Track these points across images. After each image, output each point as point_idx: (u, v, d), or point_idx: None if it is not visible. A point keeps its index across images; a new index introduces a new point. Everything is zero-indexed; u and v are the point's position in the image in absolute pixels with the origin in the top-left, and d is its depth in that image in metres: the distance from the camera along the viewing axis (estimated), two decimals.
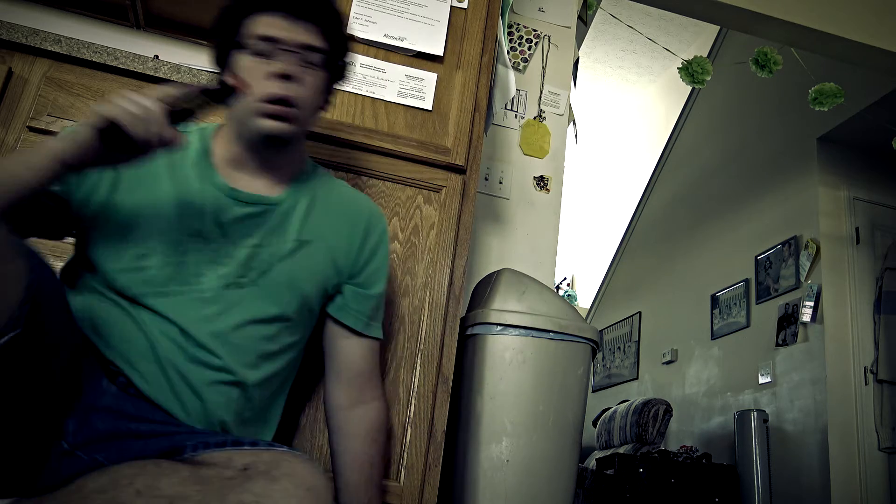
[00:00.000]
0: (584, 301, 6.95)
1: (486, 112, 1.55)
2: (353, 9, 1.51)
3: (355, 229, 1.12)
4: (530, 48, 2.40)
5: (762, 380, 3.93)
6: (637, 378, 5.39)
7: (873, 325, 3.68)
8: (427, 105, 1.49)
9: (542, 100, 2.36)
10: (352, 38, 1.13)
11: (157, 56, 1.66)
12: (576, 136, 2.61)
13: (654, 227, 5.80)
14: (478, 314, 1.51)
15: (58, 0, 2.03)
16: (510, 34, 2.39)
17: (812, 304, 3.68)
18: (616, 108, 7.27)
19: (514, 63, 2.36)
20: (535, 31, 2.42)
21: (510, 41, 2.39)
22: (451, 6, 1.57)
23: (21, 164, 0.84)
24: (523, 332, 1.47)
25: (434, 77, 1.51)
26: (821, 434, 3.47)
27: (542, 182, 2.28)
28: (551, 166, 2.30)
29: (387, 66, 1.50)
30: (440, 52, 1.52)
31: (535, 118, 2.34)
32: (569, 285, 7.40)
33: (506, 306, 1.50)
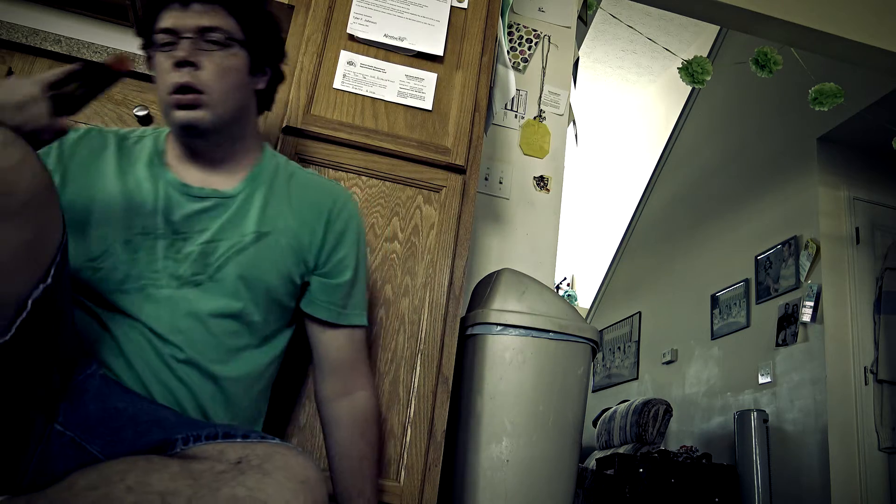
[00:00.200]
0: (584, 301, 6.95)
1: (486, 112, 1.55)
2: (353, 9, 1.51)
3: (318, 218, 1.09)
4: (530, 48, 2.40)
5: (762, 380, 3.93)
6: (637, 378, 5.39)
7: (873, 325, 3.68)
8: (427, 105, 1.49)
9: (542, 100, 2.36)
10: (269, 15, 1.08)
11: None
12: (576, 136, 2.61)
13: (654, 227, 5.80)
14: (478, 314, 1.51)
15: (58, 0, 2.03)
16: (510, 34, 2.39)
17: (812, 304, 3.68)
18: (616, 108, 7.27)
19: (514, 63, 2.36)
20: (535, 31, 2.42)
21: (510, 41, 2.39)
22: (451, 6, 1.57)
23: None
24: (523, 332, 1.47)
25: (434, 77, 1.51)
26: (821, 434, 3.47)
27: (542, 182, 2.28)
28: (551, 166, 2.30)
29: (387, 66, 1.50)
30: (440, 52, 1.52)
31: (535, 118, 2.34)
32: (569, 285, 7.40)
33: (506, 306, 1.50)
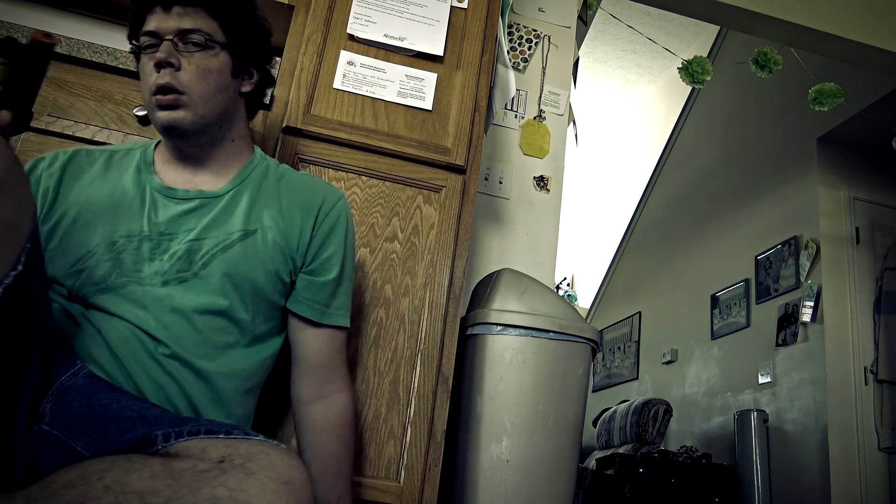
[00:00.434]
0: (584, 301, 6.95)
1: (486, 112, 1.55)
2: (353, 9, 1.51)
3: (307, 215, 1.10)
4: (530, 48, 2.40)
5: (762, 380, 3.93)
6: (637, 378, 5.39)
7: (873, 325, 3.68)
8: (427, 105, 1.49)
9: (542, 100, 2.36)
10: (253, 17, 1.10)
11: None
12: (576, 136, 2.61)
13: (654, 227, 5.80)
14: (478, 314, 1.51)
15: (58, 0, 2.03)
16: (510, 34, 2.39)
17: (812, 304, 3.68)
18: (616, 108, 7.27)
19: (514, 63, 2.36)
20: (535, 31, 2.42)
21: (510, 41, 2.38)
22: (451, 6, 1.57)
23: None
24: (523, 332, 1.47)
25: (434, 77, 1.51)
26: (821, 434, 3.46)
27: (542, 182, 2.28)
28: (551, 166, 2.30)
29: (387, 66, 1.50)
30: (440, 52, 1.52)
31: (535, 118, 2.34)
32: (569, 285, 7.40)
33: (506, 306, 1.50)
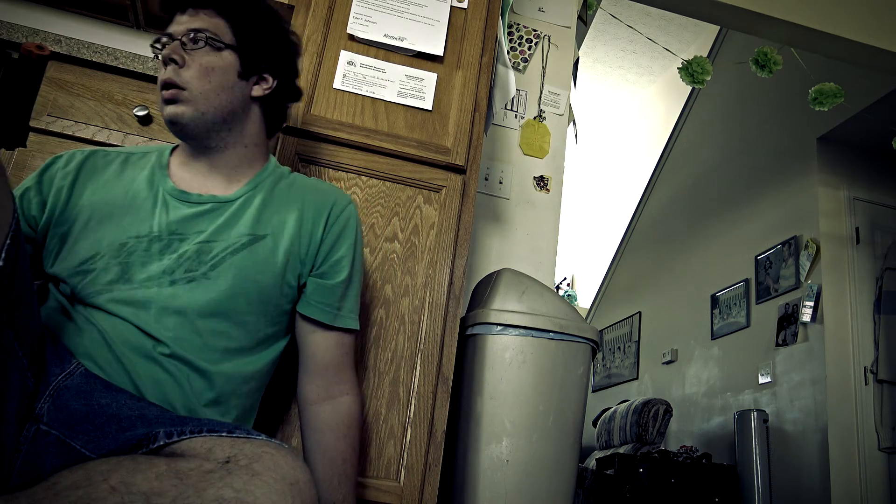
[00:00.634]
0: (584, 301, 6.95)
1: (486, 112, 1.55)
2: (353, 9, 1.51)
3: (318, 218, 1.11)
4: (530, 48, 2.40)
5: (762, 380, 3.93)
6: (637, 378, 5.39)
7: (873, 325, 3.68)
8: (427, 105, 1.49)
9: (542, 100, 2.36)
10: (269, 23, 1.13)
11: (155, 52, 1.66)
12: (576, 136, 2.61)
13: (654, 227, 5.80)
14: (478, 314, 1.51)
15: (58, 0, 2.03)
16: (510, 34, 2.39)
17: (812, 304, 3.68)
18: (616, 108, 7.27)
19: (514, 63, 2.36)
20: (535, 31, 2.42)
21: (510, 41, 2.38)
22: (451, 6, 1.57)
23: None
24: (523, 332, 1.47)
25: (434, 77, 1.51)
26: (821, 434, 3.47)
27: (542, 182, 2.28)
28: (551, 166, 2.30)
29: (387, 66, 1.50)
30: (440, 52, 1.52)
31: (535, 118, 2.34)
32: (569, 285, 7.40)
33: (506, 306, 1.50)
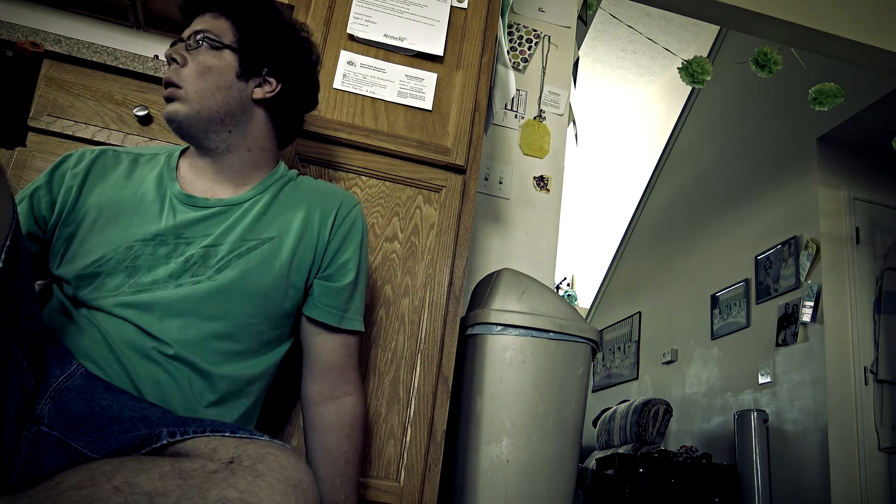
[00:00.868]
0: (584, 301, 6.95)
1: (486, 112, 1.55)
2: (353, 9, 1.51)
3: (324, 220, 1.12)
4: (530, 48, 2.40)
5: (762, 380, 3.93)
6: (637, 378, 5.39)
7: (873, 325, 3.68)
8: (427, 105, 1.49)
9: (542, 100, 2.36)
10: (275, 26, 1.13)
11: (157, 56, 1.66)
12: (576, 136, 2.61)
13: (654, 227, 5.80)
14: (478, 314, 1.51)
15: (58, 0, 2.03)
16: (510, 34, 2.39)
17: (812, 304, 3.68)
18: (616, 108, 7.27)
19: (514, 63, 2.36)
20: (535, 31, 2.42)
21: (510, 41, 2.38)
22: (451, 6, 1.57)
23: None
24: (523, 332, 1.47)
25: (434, 77, 1.51)
26: (821, 434, 3.47)
27: (542, 182, 2.28)
28: (551, 166, 2.30)
29: (387, 66, 1.50)
30: (440, 52, 1.52)
31: (535, 118, 2.34)
32: (569, 285, 7.40)
33: (506, 306, 1.50)
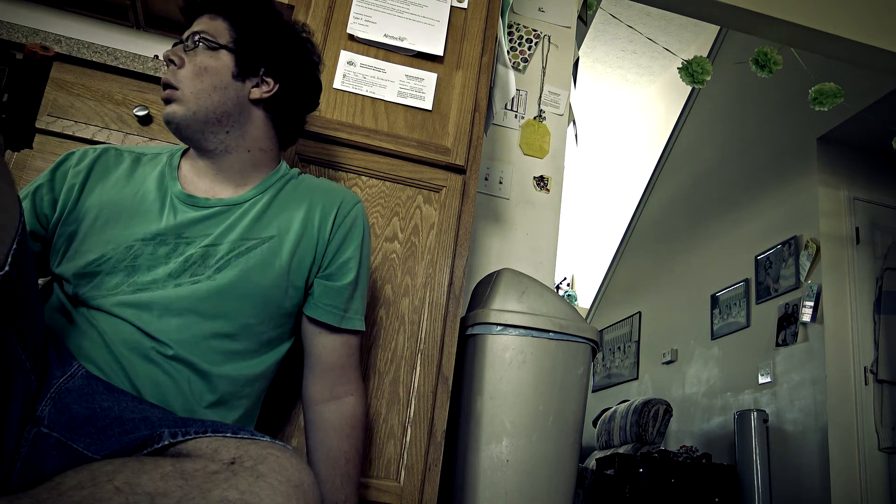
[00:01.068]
0: (584, 301, 6.95)
1: (486, 112, 1.55)
2: (353, 9, 1.51)
3: (325, 218, 1.11)
4: (530, 48, 2.40)
5: (762, 380, 3.93)
6: (637, 378, 5.39)
7: (873, 325, 3.68)
8: (427, 105, 1.49)
9: (542, 100, 2.36)
10: (272, 26, 1.13)
11: (157, 56, 1.66)
12: (576, 136, 2.61)
13: (654, 227, 5.80)
14: (478, 314, 1.51)
15: (58, 0, 2.03)
16: (510, 34, 2.39)
17: (812, 304, 3.68)
18: (616, 108, 7.27)
19: (514, 63, 2.36)
20: (535, 31, 2.42)
21: (510, 41, 2.39)
22: (451, 6, 1.57)
23: None
24: (523, 332, 1.47)
25: (434, 77, 1.51)
26: (821, 434, 3.47)
27: (542, 182, 2.28)
28: (551, 166, 2.30)
29: (387, 66, 1.50)
30: (440, 52, 1.52)
31: (535, 118, 2.34)
32: (569, 285, 7.40)
33: (506, 306, 1.50)
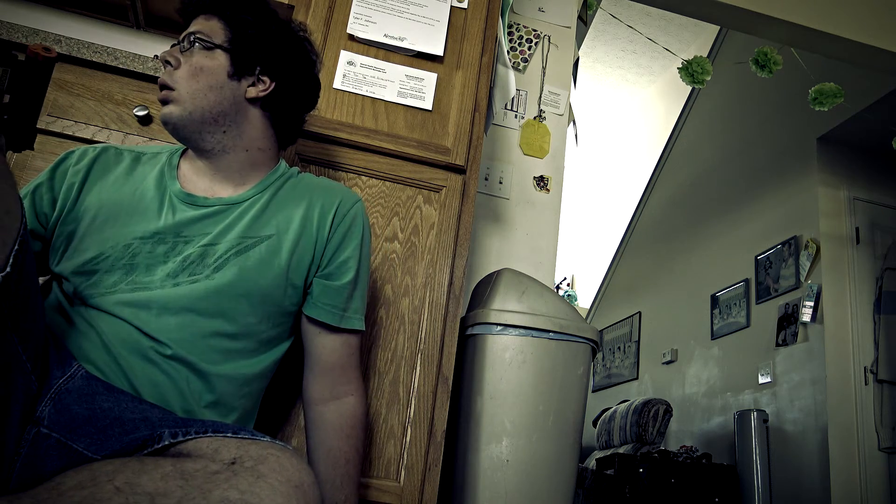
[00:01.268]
0: (584, 301, 6.95)
1: (486, 112, 1.55)
2: (353, 9, 1.51)
3: (324, 217, 1.11)
4: (530, 48, 2.40)
5: (762, 380, 3.93)
6: (637, 378, 5.39)
7: (873, 325, 3.68)
8: (427, 105, 1.49)
9: (542, 100, 2.36)
10: (267, 25, 1.13)
11: (157, 56, 1.66)
12: (576, 136, 2.61)
13: (654, 227, 5.80)
14: (478, 314, 1.51)
15: (58, 0, 2.03)
16: (510, 34, 2.39)
17: (812, 304, 3.68)
18: (616, 108, 7.27)
19: (514, 63, 2.36)
20: (535, 31, 2.42)
21: (510, 41, 2.39)
22: (451, 6, 1.57)
23: None
24: (523, 332, 1.47)
25: (434, 77, 1.51)
26: (821, 434, 3.47)
27: (542, 182, 2.28)
28: (551, 166, 2.30)
29: (387, 66, 1.50)
30: (440, 52, 1.52)
31: (535, 118, 2.34)
32: (569, 285, 7.40)
33: (506, 306, 1.50)
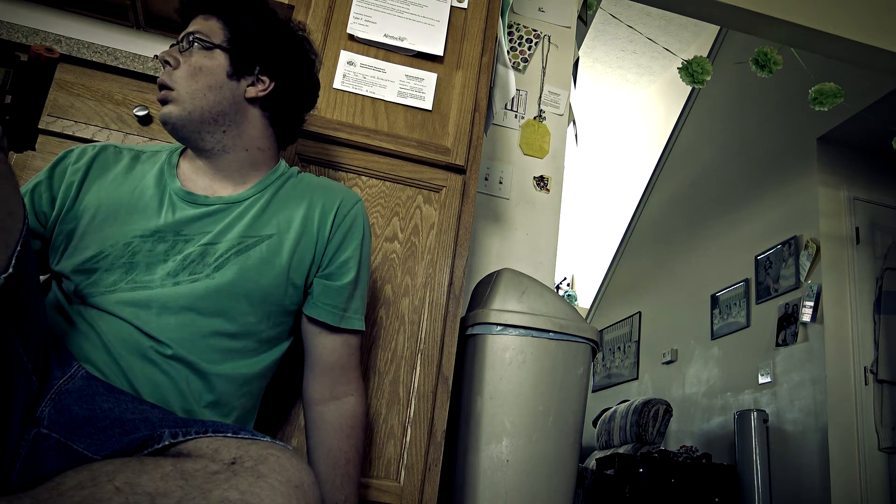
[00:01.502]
0: (584, 301, 6.95)
1: (486, 112, 1.55)
2: (353, 9, 1.51)
3: (325, 217, 1.11)
4: (530, 48, 2.40)
5: (762, 380, 3.93)
6: (637, 378, 5.40)
7: (873, 325, 3.68)
8: (427, 105, 1.49)
9: (542, 100, 2.36)
10: (266, 25, 1.12)
11: (157, 56, 1.66)
12: (576, 136, 2.61)
13: (654, 227, 5.80)
14: (478, 314, 1.51)
15: (58, 0, 2.03)
16: (510, 34, 2.39)
17: (812, 304, 3.68)
18: (616, 108, 7.27)
19: (514, 63, 2.36)
20: (535, 31, 2.42)
21: (510, 41, 2.39)
22: (451, 6, 1.57)
23: None
24: (523, 332, 1.47)
25: (434, 77, 1.51)
26: (821, 434, 3.47)
27: (542, 182, 2.28)
28: (551, 166, 2.30)
29: (387, 66, 1.50)
30: (440, 52, 1.52)
31: (535, 118, 2.34)
32: (569, 285, 7.40)
33: (506, 306, 1.50)
